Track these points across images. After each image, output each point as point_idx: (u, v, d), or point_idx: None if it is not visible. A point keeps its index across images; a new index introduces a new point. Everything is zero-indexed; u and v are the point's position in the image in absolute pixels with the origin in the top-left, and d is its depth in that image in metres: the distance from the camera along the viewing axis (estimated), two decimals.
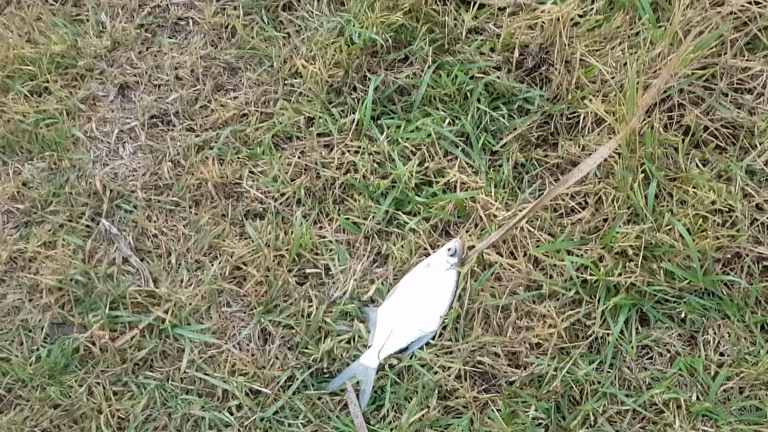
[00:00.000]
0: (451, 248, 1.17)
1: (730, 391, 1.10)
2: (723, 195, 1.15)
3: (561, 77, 1.25)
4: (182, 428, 1.17)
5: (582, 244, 1.17)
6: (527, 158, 1.26)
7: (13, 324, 1.25)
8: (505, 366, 1.14)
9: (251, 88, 1.40)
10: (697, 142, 1.24)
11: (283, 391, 1.16)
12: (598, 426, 1.09)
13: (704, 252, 1.12)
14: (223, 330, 1.21)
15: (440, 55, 1.31)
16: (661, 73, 1.14)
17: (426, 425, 1.11)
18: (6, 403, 1.21)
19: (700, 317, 1.14)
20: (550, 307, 1.14)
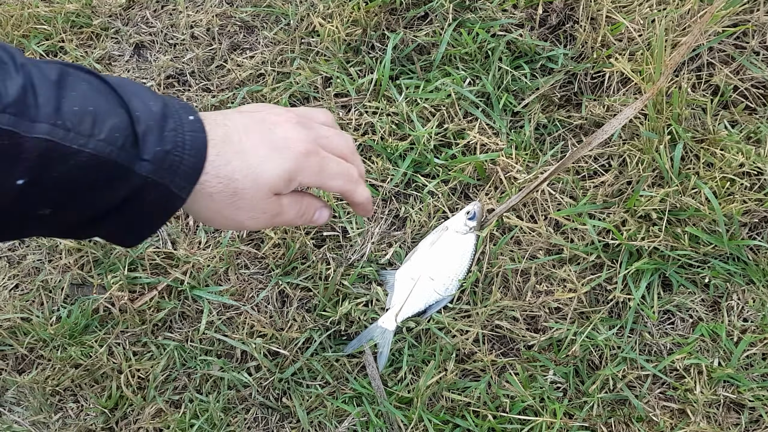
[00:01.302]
0: (470, 211, 1.15)
1: (752, 358, 1.09)
2: (752, 157, 1.12)
3: (586, 35, 1.21)
4: (201, 388, 1.18)
5: (605, 207, 1.15)
6: (549, 119, 1.23)
7: (34, 285, 1.26)
8: (523, 330, 1.13)
9: (267, 47, 1.38)
10: (726, 103, 1.20)
11: (301, 353, 1.16)
12: (617, 391, 1.09)
13: (730, 216, 1.10)
14: (242, 292, 1.21)
15: (461, 12, 1.27)
16: (691, 30, 1.10)
17: (443, 388, 1.11)
18: (28, 362, 1.23)
19: (724, 282, 1.12)
20: (570, 271, 1.13)
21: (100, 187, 0.60)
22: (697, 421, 1.06)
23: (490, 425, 1.08)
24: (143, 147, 0.60)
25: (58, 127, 0.55)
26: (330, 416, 1.14)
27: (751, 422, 1.07)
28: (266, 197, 0.72)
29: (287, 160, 0.72)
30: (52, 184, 0.57)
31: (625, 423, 1.08)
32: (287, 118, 0.76)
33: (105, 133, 0.58)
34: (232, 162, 0.68)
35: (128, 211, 0.63)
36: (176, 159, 0.62)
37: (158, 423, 1.17)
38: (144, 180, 0.61)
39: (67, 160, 0.56)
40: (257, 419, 1.17)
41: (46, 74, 0.57)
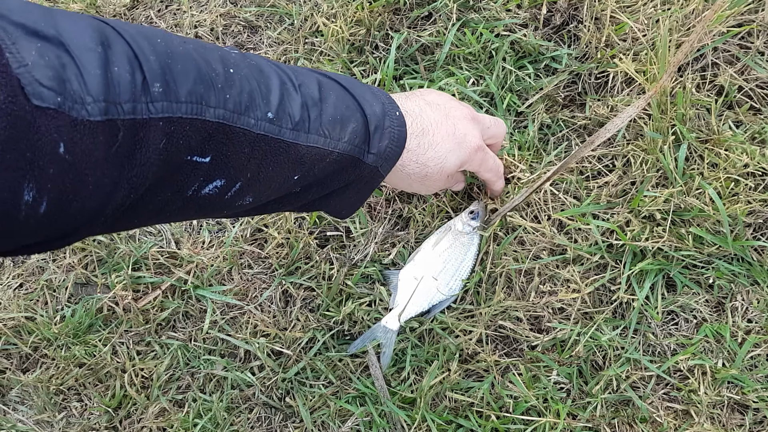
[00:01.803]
0: (474, 211, 1.15)
1: (757, 358, 1.09)
2: (756, 158, 1.11)
3: (590, 35, 1.21)
4: (205, 388, 1.18)
5: (608, 207, 1.14)
6: (553, 119, 1.23)
7: (38, 284, 1.26)
8: (527, 330, 1.13)
9: (272, 47, 1.38)
10: (730, 103, 1.19)
11: (305, 353, 1.16)
12: (620, 391, 1.09)
13: (735, 216, 1.10)
14: (245, 291, 1.22)
15: (465, 12, 1.27)
16: (694, 29, 1.10)
17: (446, 388, 1.11)
18: (32, 361, 1.23)
19: (728, 283, 1.12)
20: (574, 271, 1.13)
21: (338, 174, 0.77)
22: (701, 422, 1.06)
23: (493, 425, 1.07)
24: (371, 143, 0.77)
25: (321, 135, 0.70)
26: (333, 416, 1.14)
27: (756, 423, 1.07)
28: (443, 178, 0.94)
29: (463, 153, 0.93)
30: (313, 176, 0.73)
31: (628, 424, 1.08)
32: (464, 115, 0.95)
33: (348, 136, 0.74)
34: (427, 152, 0.88)
35: (350, 190, 0.81)
36: (389, 150, 0.80)
37: (162, 422, 1.17)
38: (367, 167, 0.78)
39: (325, 158, 0.72)
40: (260, 419, 1.17)
41: (311, 91, 0.71)
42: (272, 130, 0.65)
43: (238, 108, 0.61)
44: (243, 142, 0.62)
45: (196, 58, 0.58)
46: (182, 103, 0.55)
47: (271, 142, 0.65)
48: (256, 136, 0.63)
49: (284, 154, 0.67)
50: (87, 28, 0.51)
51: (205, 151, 0.59)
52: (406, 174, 0.89)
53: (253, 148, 0.64)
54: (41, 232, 0.51)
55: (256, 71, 0.66)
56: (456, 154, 0.91)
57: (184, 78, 0.56)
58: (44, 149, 0.46)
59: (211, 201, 0.64)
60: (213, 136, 0.59)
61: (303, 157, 0.69)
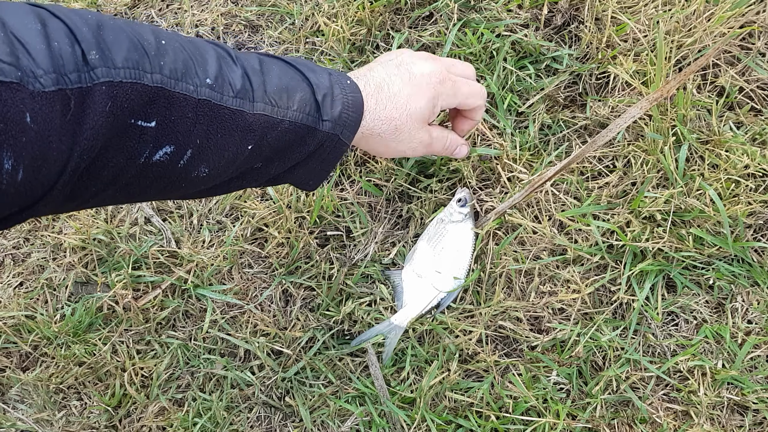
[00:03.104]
0: (461, 198, 1.15)
1: (757, 360, 1.09)
2: (757, 159, 1.11)
3: (591, 35, 1.21)
4: (204, 387, 1.18)
5: (609, 208, 1.14)
6: (554, 120, 1.23)
7: (38, 283, 1.26)
8: (527, 331, 1.13)
9: (272, 46, 1.38)
10: (731, 104, 1.19)
11: (305, 352, 1.16)
12: (620, 392, 1.09)
13: (735, 217, 1.10)
14: (245, 291, 1.22)
15: (466, 12, 1.27)
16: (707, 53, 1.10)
17: (446, 388, 1.11)
18: (32, 360, 1.23)
19: (728, 284, 1.12)
20: (574, 272, 1.13)
21: (297, 145, 0.79)
22: (701, 423, 1.06)
23: (493, 426, 1.07)
24: (323, 110, 0.79)
25: (267, 103, 0.73)
26: (333, 416, 1.14)
27: (755, 424, 1.07)
28: (420, 128, 0.92)
29: (428, 91, 0.91)
30: (267, 146, 0.76)
31: (628, 424, 1.08)
32: (418, 56, 0.94)
33: (296, 104, 0.76)
34: (387, 106, 0.88)
35: (313, 160, 0.83)
36: (345, 116, 0.81)
37: (161, 421, 1.17)
38: (325, 135, 0.80)
39: (276, 127, 0.75)
40: (260, 418, 1.17)
41: (252, 64, 0.74)
42: (213, 96, 0.67)
43: (174, 74, 0.64)
44: (185, 107, 0.65)
45: (126, 30, 0.63)
46: (120, 69, 0.59)
47: (215, 108, 0.68)
48: (197, 101, 0.66)
49: (230, 121, 0.70)
50: (23, 11, 0.56)
51: (149, 115, 0.63)
52: (378, 135, 0.89)
53: (197, 113, 0.67)
54: (18, 201, 0.56)
55: (190, 45, 0.70)
56: (420, 96, 0.91)
57: (117, 47, 0.60)
58: (14, 120, 0.51)
59: (164, 169, 0.67)
60: (154, 101, 0.63)
61: (251, 126, 0.72)
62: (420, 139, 0.94)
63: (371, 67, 0.92)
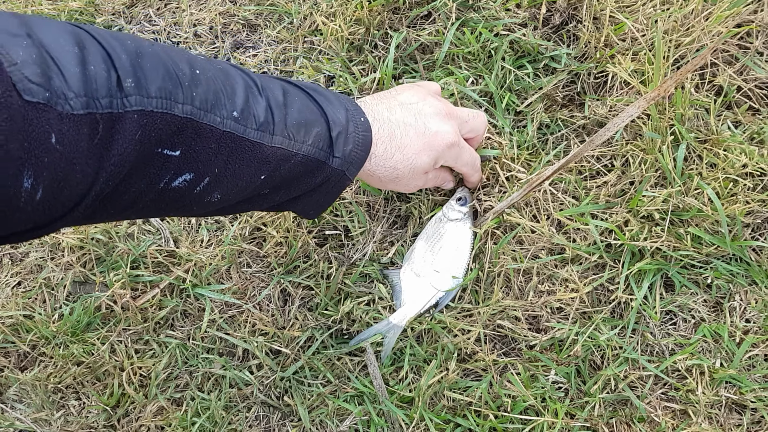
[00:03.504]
0: (461, 197, 1.16)
1: (755, 359, 1.09)
2: (755, 158, 1.12)
3: (589, 34, 1.21)
4: (203, 386, 1.18)
5: (607, 207, 1.15)
6: (552, 119, 1.23)
7: (36, 282, 1.26)
8: (525, 330, 1.13)
9: (270, 45, 1.38)
10: (729, 103, 1.20)
11: (303, 352, 1.16)
12: (618, 391, 1.09)
13: (733, 217, 1.10)
14: (244, 290, 1.21)
15: (464, 12, 1.27)
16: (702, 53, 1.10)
17: (445, 387, 1.11)
18: (30, 360, 1.23)
19: (726, 283, 1.12)
20: (572, 271, 1.13)
21: (305, 177, 0.81)
22: (699, 422, 1.06)
23: (491, 425, 1.08)
24: (335, 147, 0.81)
25: (286, 137, 0.75)
26: (331, 415, 1.14)
27: (753, 423, 1.07)
28: (418, 177, 0.97)
29: (435, 152, 0.95)
30: (278, 176, 0.78)
31: (626, 423, 1.08)
32: (436, 111, 0.96)
33: (312, 139, 0.78)
34: (395, 156, 0.91)
35: (318, 191, 0.85)
36: (354, 154, 0.84)
37: (160, 421, 1.17)
38: (334, 171, 0.83)
39: (290, 160, 0.77)
40: (259, 418, 1.17)
41: (276, 95, 0.76)
42: (237, 129, 0.69)
43: (205, 105, 0.66)
44: (210, 138, 0.67)
45: (163, 58, 0.63)
46: (153, 98, 0.60)
47: (237, 140, 0.70)
48: (222, 133, 0.68)
49: (249, 152, 0.72)
50: (63, 32, 0.56)
51: (175, 144, 0.64)
52: (377, 177, 0.92)
53: (220, 144, 0.68)
54: (34, 218, 0.56)
55: (222, 74, 0.71)
56: (427, 154, 0.94)
57: (153, 75, 0.61)
58: (39, 140, 0.51)
59: (181, 194, 0.69)
60: (182, 131, 0.64)
61: (268, 157, 0.74)
62: (415, 184, 0.99)
63: (390, 108, 0.93)
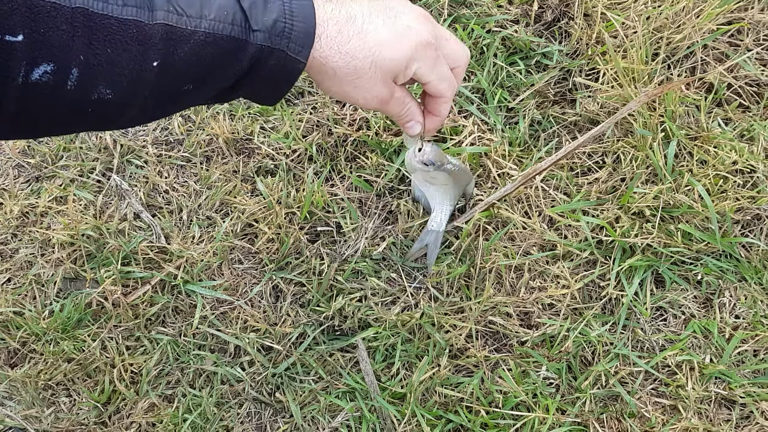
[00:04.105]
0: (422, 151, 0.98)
1: (744, 354, 1.10)
2: (745, 155, 1.12)
3: (581, 32, 1.21)
4: (194, 383, 1.18)
5: (598, 204, 1.15)
6: (544, 115, 1.23)
7: (26, 278, 1.25)
8: (517, 326, 1.13)
9: None
10: (719, 101, 1.20)
11: (295, 348, 1.16)
12: (609, 387, 1.09)
13: (723, 213, 1.10)
14: (235, 287, 1.21)
15: (456, 8, 1.27)
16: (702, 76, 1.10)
17: (436, 383, 1.11)
18: (20, 356, 1.22)
19: (716, 279, 1.13)
20: (564, 267, 1.13)
21: (225, 61, 0.69)
22: (689, 417, 1.07)
23: (482, 420, 1.08)
24: (252, 19, 0.68)
25: (171, 12, 0.64)
26: (323, 411, 1.14)
27: (742, 418, 1.08)
28: (383, 81, 0.79)
29: (407, 46, 0.77)
30: (181, 63, 0.66)
31: (617, 419, 1.08)
32: (414, 10, 0.80)
33: (214, 12, 0.66)
34: (352, 40, 0.75)
35: (255, 77, 0.72)
36: (286, 25, 0.70)
37: (151, 417, 1.17)
38: (260, 48, 0.69)
39: (188, 40, 0.65)
40: (250, 414, 1.17)
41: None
42: (92, 4, 0.60)
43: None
44: (56, 18, 0.58)
45: None
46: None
47: (94, 17, 0.60)
48: (71, 10, 0.59)
49: (120, 33, 0.62)
50: None
51: (14, 27, 0.56)
52: (331, 69, 0.76)
53: (73, 25, 0.59)
54: None
55: None
56: (397, 48, 0.77)
57: None
58: None
59: (53, 92, 0.61)
60: (16, 10, 0.56)
61: (151, 38, 0.63)
62: (378, 92, 0.80)
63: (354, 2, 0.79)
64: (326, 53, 0.75)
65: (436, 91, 0.86)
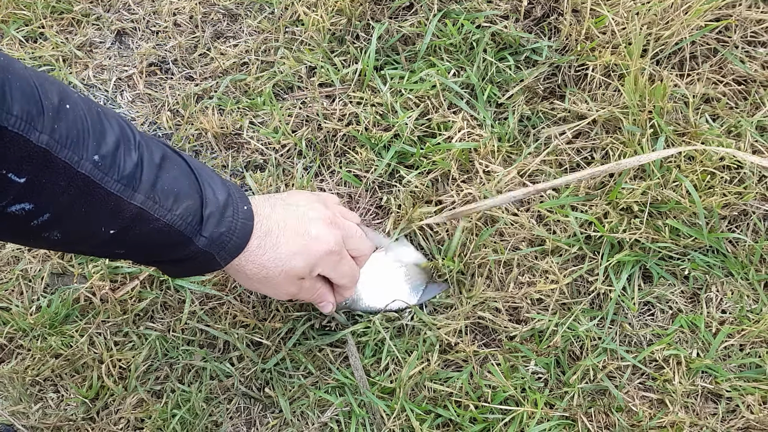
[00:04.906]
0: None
1: (730, 349, 1.11)
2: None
3: (570, 27, 1.22)
4: (183, 378, 1.18)
5: (587, 200, 1.15)
6: (533, 111, 1.23)
7: (13, 274, 1.24)
8: (505, 321, 1.13)
9: (251, 35, 1.37)
10: (707, 97, 1.21)
11: (284, 343, 1.16)
12: (597, 381, 1.10)
13: (710, 209, 1.11)
14: (224, 282, 1.21)
15: (446, 3, 1.27)
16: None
17: (426, 378, 1.12)
18: (7, 352, 1.22)
19: (703, 274, 1.13)
20: (552, 262, 1.14)
21: (167, 248, 0.79)
22: (676, 411, 1.08)
23: (471, 415, 1.08)
24: (205, 226, 0.79)
25: (150, 199, 0.72)
26: (312, 406, 1.14)
27: (728, 412, 1.09)
28: (290, 282, 0.93)
29: (312, 257, 0.92)
30: (133, 237, 0.74)
31: (604, 413, 1.09)
32: (322, 216, 0.95)
33: (180, 210, 0.76)
34: (267, 254, 0.87)
35: (181, 264, 0.83)
36: (226, 239, 0.82)
37: (140, 413, 1.16)
38: (199, 249, 0.80)
39: (149, 223, 0.74)
40: (240, 409, 1.17)
41: (152, 156, 0.74)
42: (94, 174, 0.67)
43: (64, 140, 0.63)
44: (61, 175, 0.64)
45: (33, 82, 0.62)
46: (12, 116, 0.58)
47: (91, 184, 0.67)
48: (75, 173, 0.65)
49: (102, 202, 0.69)
50: None
51: (21, 171, 0.61)
52: (244, 274, 0.89)
53: (71, 184, 0.65)
54: None
55: (97, 117, 0.69)
56: (302, 257, 0.91)
57: (19, 94, 0.59)
58: None
59: (17, 222, 0.65)
60: (33, 159, 0.61)
61: (122, 213, 0.71)
62: (287, 290, 0.95)
63: (274, 206, 0.91)
64: (242, 263, 0.87)
65: (338, 284, 1.03)
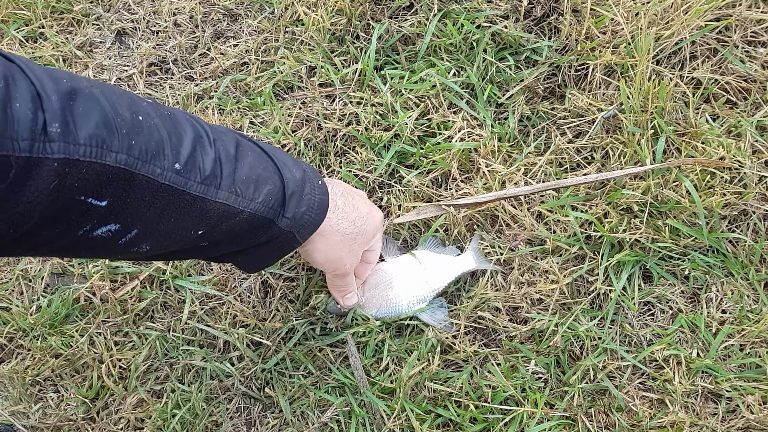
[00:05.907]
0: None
1: (730, 349, 1.11)
2: (732, 151, 1.13)
3: (570, 27, 1.22)
4: (183, 378, 1.18)
5: (587, 199, 1.15)
6: (533, 111, 1.23)
7: (13, 273, 1.24)
8: (506, 321, 1.13)
9: (251, 35, 1.37)
10: (707, 97, 1.21)
11: (284, 343, 1.16)
12: (597, 381, 1.10)
13: (710, 209, 1.11)
14: (224, 282, 1.21)
15: (446, 3, 1.27)
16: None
17: (426, 378, 1.12)
18: (7, 352, 1.22)
19: (703, 274, 1.13)
20: (552, 262, 1.14)
21: (249, 234, 0.77)
22: (676, 411, 1.07)
23: (471, 415, 1.08)
24: (288, 207, 0.78)
25: (233, 193, 0.71)
26: (313, 406, 1.14)
27: (728, 412, 1.09)
28: (366, 243, 0.98)
29: (376, 220, 0.99)
30: (219, 233, 0.74)
31: (605, 413, 1.09)
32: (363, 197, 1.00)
33: (262, 197, 0.75)
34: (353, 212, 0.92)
35: (262, 249, 0.82)
36: (307, 217, 0.82)
37: (140, 413, 1.16)
38: (281, 230, 0.80)
39: (234, 217, 0.73)
40: (240, 409, 1.17)
41: (227, 148, 0.72)
42: (178, 182, 0.65)
43: (144, 155, 0.61)
44: (145, 190, 0.62)
45: (101, 102, 0.58)
46: (81, 146, 0.55)
47: (176, 193, 0.65)
48: (159, 185, 0.63)
49: (189, 206, 0.67)
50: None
51: (102, 194, 0.59)
52: (341, 234, 0.90)
53: (155, 197, 0.63)
54: None
55: (169, 121, 0.66)
56: (372, 220, 0.97)
57: (85, 120, 0.56)
58: None
59: (104, 243, 0.64)
60: (112, 181, 0.59)
61: (209, 213, 0.70)
62: (357, 257, 0.98)
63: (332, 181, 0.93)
64: (337, 222, 0.89)
65: (370, 259, 1.10)
